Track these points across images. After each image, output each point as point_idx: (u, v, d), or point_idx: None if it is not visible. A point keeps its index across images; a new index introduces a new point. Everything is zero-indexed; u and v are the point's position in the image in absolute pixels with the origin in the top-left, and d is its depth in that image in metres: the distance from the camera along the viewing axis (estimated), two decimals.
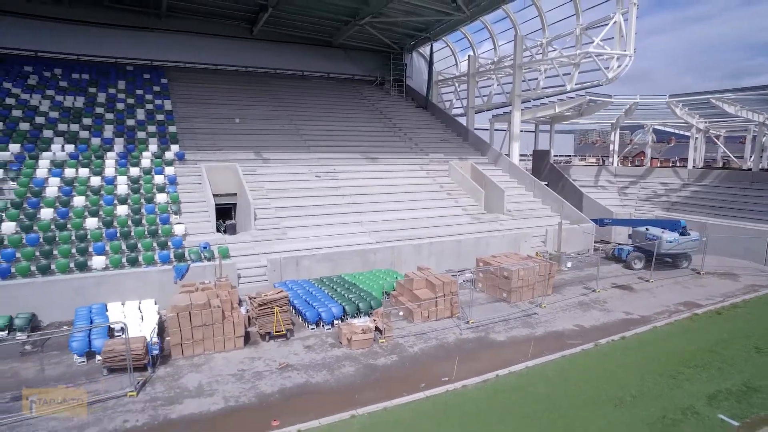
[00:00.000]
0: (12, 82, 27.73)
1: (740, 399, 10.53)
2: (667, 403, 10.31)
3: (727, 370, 12.02)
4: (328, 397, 11.16)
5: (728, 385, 11.12)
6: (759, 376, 11.61)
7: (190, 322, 13.01)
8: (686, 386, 11.13)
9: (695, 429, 9.35)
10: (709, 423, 9.57)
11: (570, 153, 66.71)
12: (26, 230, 17.61)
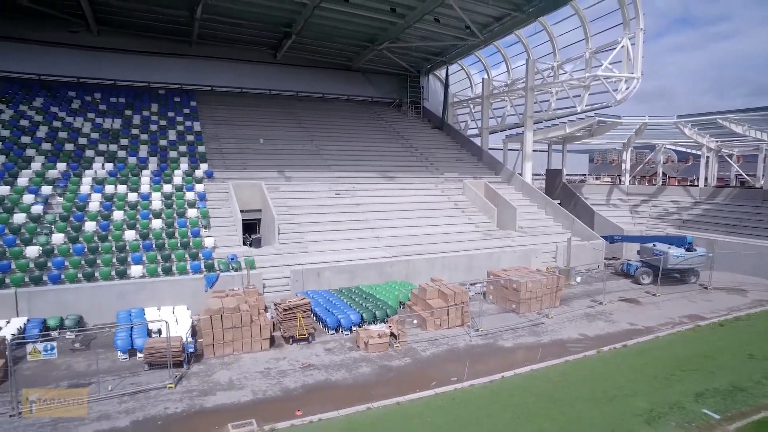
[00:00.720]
0: (58, 106, 30.00)
1: (725, 397, 11.37)
2: (657, 399, 11.20)
3: (718, 372, 12.84)
4: (346, 392, 12.26)
5: (716, 385, 11.96)
6: (746, 378, 12.40)
7: (221, 324, 14.31)
8: (677, 386, 11.99)
9: (679, 420, 10.28)
10: (693, 416, 10.46)
11: (585, 172, 67.30)
12: (73, 241, 19.27)
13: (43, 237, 19.09)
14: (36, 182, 22.40)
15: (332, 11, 30.82)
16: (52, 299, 16.39)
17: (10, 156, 23.96)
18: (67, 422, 10.55)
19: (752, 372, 12.83)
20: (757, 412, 10.61)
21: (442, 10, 30.57)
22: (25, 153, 24.70)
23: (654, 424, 10.15)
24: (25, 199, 21.03)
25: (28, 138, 26.12)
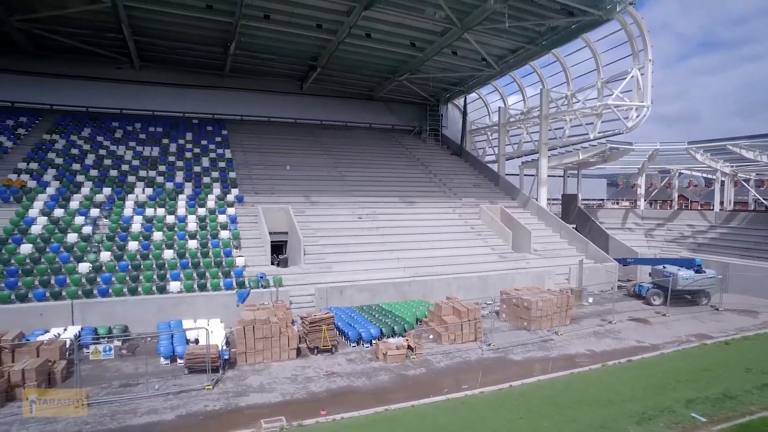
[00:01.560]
0: (103, 135, 32.57)
1: (715, 404, 12.22)
2: (650, 404, 12.13)
3: (712, 383, 13.66)
4: (366, 396, 13.48)
5: (708, 394, 12.80)
6: (738, 388, 13.19)
7: (253, 334, 15.75)
8: (671, 394, 12.87)
9: (667, 422, 11.21)
10: (681, 418, 11.37)
11: (603, 196, 67.73)
12: (118, 259, 21.14)
13: (92, 255, 21.02)
14: (86, 205, 24.57)
15: (355, 46, 33.00)
16: (101, 310, 18.13)
17: (63, 182, 26.30)
18: (122, 414, 12.04)
19: (745, 383, 13.61)
20: (743, 417, 11.47)
21: (460, 43, 32.41)
22: (76, 179, 27.01)
23: (644, 425, 11.12)
24: (77, 221, 23.14)
25: (78, 165, 28.53)
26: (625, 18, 28.76)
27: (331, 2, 27.11)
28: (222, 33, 31.12)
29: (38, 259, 20.22)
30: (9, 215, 22.66)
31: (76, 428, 11.40)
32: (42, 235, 21.65)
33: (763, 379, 13.91)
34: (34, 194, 24.73)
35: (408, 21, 29.55)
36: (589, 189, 59.51)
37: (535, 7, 27.54)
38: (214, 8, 27.89)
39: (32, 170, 26.96)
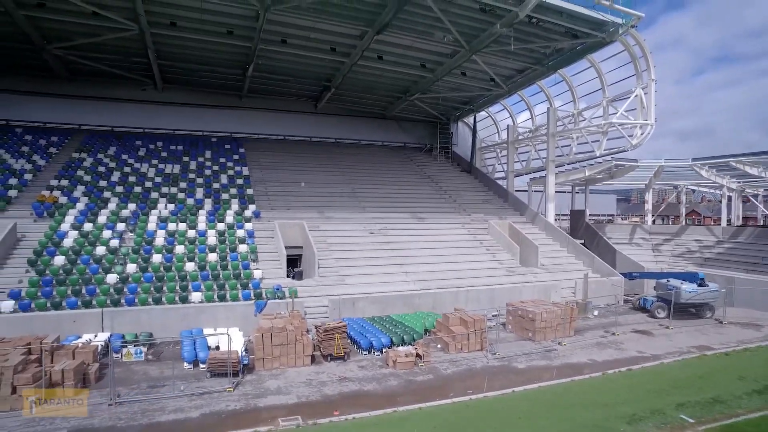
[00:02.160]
0: (128, 154, 34.22)
1: (704, 407, 12.92)
2: (642, 407, 12.87)
3: (704, 389, 14.34)
4: (376, 399, 14.37)
5: (699, 398, 13.50)
6: (729, 394, 13.85)
7: (271, 341, 16.78)
8: (664, 398, 13.58)
9: (656, 422, 11.94)
10: (670, 419, 12.10)
11: (613, 212, 68.05)
12: (143, 270, 22.40)
13: (119, 266, 22.34)
14: (112, 220, 26.01)
15: (368, 67, 34.48)
16: (128, 318, 19.34)
17: (91, 197, 27.84)
18: (152, 412, 13.10)
19: (736, 389, 14.25)
20: (729, 418, 12.17)
21: (468, 64, 33.69)
22: (103, 195, 28.56)
23: (634, 425, 11.87)
24: (105, 234, 24.55)
25: (105, 182, 30.10)
26: (628, 39, 29.73)
27: (344, 27, 28.60)
28: (241, 56, 32.78)
29: (70, 270, 21.58)
30: (43, 229, 24.17)
31: (112, 423, 12.47)
32: (73, 248, 23.06)
33: (754, 386, 14.55)
34: (66, 209, 26.26)
35: (418, 44, 30.97)
36: (598, 204, 60.11)
37: (541, 30, 28.72)
38: (235, 34, 29.54)
39: (63, 187, 28.58)
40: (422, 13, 26.82)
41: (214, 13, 26.94)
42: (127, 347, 15.56)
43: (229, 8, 26.25)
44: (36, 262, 21.63)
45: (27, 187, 28.12)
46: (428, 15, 26.93)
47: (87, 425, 12.33)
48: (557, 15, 27.14)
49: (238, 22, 28.08)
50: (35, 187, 28.33)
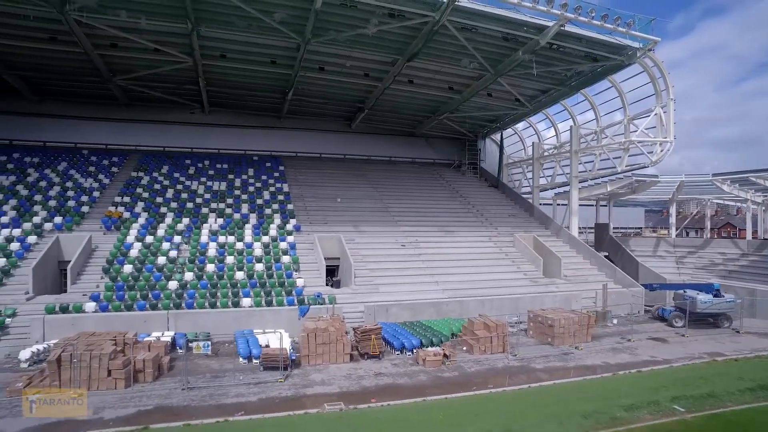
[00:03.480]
0: (179, 172, 37.51)
1: (697, 400, 14.50)
2: (641, 399, 14.56)
3: (701, 386, 15.85)
4: (408, 390, 16.43)
5: (694, 393, 15.06)
6: (723, 390, 15.34)
7: (315, 340, 19.08)
8: (663, 392, 15.20)
9: (651, 411, 13.63)
10: (664, 408, 13.77)
11: (641, 225, 68.11)
12: (199, 278, 25.17)
13: (178, 275, 25.18)
14: (170, 233, 29.01)
15: (399, 90, 36.99)
16: (189, 319, 22.02)
17: (150, 212, 31.02)
18: (217, 396, 15.53)
19: (732, 387, 15.71)
20: (717, 409, 13.73)
21: (494, 86, 35.77)
22: (160, 210, 31.70)
23: (630, 412, 13.60)
24: (164, 246, 27.50)
25: (161, 198, 33.31)
26: (647, 61, 31.24)
27: (377, 56, 31.18)
28: (281, 82, 35.76)
29: (137, 277, 24.51)
30: (112, 241, 27.33)
31: (186, 403, 14.95)
32: (138, 258, 26.05)
33: (749, 384, 15.97)
34: (129, 223, 29.44)
35: (446, 68, 33.28)
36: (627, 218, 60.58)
37: (562, 54, 30.63)
38: (277, 63, 32.53)
39: (126, 203, 31.88)
40: (449, 42, 29.13)
41: (260, 46, 29.93)
42: (197, 342, 18.21)
43: (273, 41, 29.16)
44: (109, 270, 24.67)
45: (96, 204, 31.53)
46: (455, 43, 29.22)
47: (168, 404, 14.83)
48: (576, 41, 29.04)
49: (280, 53, 30.98)
50: (102, 203, 31.72)
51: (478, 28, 27.50)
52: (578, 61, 31.51)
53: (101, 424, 13.37)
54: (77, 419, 13.39)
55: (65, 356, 15.70)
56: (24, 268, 23.91)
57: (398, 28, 27.39)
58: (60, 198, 31.19)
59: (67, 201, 30.94)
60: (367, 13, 25.98)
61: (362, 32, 27.39)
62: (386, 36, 28.61)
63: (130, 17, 25.45)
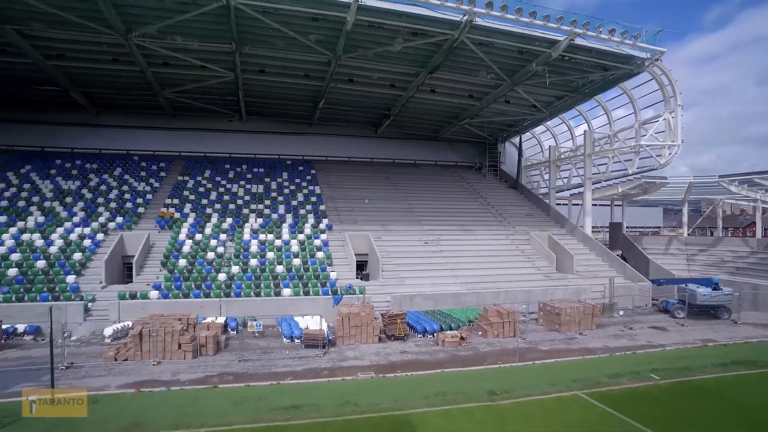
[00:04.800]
0: (220, 176, 41.09)
1: (673, 371, 16.94)
2: (625, 370, 17.07)
3: (681, 362, 18.24)
4: (428, 364, 19.21)
5: (672, 367, 17.47)
6: (699, 365, 17.71)
7: (349, 322, 22.06)
8: (645, 366, 17.65)
9: (630, 378, 16.14)
10: (641, 376, 16.32)
11: (659, 224, 69.06)
12: (244, 271, 28.47)
13: (226, 268, 28.52)
14: (216, 231, 32.45)
15: (422, 99, 39.72)
16: (238, 306, 25.29)
17: (197, 213, 34.57)
18: (269, 366, 18.63)
19: (708, 363, 18.05)
20: (687, 378, 16.17)
21: (511, 93, 38.15)
22: (206, 211, 35.22)
23: (612, 378, 16.19)
24: (211, 243, 30.92)
25: (206, 200, 36.88)
26: (655, 70, 33.22)
27: (402, 68, 33.95)
28: (313, 92, 38.92)
29: (191, 270, 27.95)
30: (167, 238, 30.90)
31: (244, 371, 18.08)
32: (190, 253, 29.52)
33: (724, 361, 18.31)
34: (180, 223, 32.99)
35: (466, 78, 35.80)
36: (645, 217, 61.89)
37: (574, 65, 32.87)
38: (310, 76, 35.63)
39: (175, 204, 35.52)
40: (468, 55, 31.63)
41: (295, 61, 33.02)
42: (251, 321, 21.54)
43: (307, 57, 32.16)
44: (166, 264, 28.19)
45: (149, 205, 35.26)
46: (473, 57, 31.71)
47: (228, 371, 18.00)
48: (587, 52, 31.26)
49: (313, 67, 34.03)
50: (155, 204, 35.43)
51: (494, 43, 29.95)
52: (589, 70, 33.68)
53: (179, 383, 16.60)
54: (161, 379, 16.68)
55: (145, 331, 19.05)
56: (96, 261, 27.62)
57: (421, 45, 30.07)
58: (119, 200, 35.05)
59: (125, 203, 34.76)
60: (393, 32, 28.73)
61: (388, 49, 30.23)
62: (410, 51, 31.33)
63: (184, 41, 28.88)
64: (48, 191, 34.68)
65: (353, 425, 12.71)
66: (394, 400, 14.63)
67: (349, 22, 26.46)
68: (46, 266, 26.43)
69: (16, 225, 29.87)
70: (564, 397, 14.78)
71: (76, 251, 28.02)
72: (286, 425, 12.66)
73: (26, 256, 26.92)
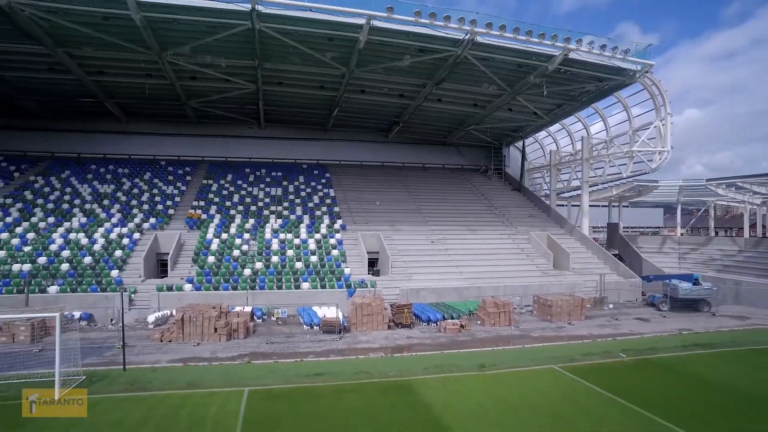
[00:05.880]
0: (241, 179, 44.27)
1: (640, 351, 19.58)
2: (598, 350, 19.74)
3: (650, 344, 20.84)
4: (431, 347, 21.99)
5: (640, 348, 20.10)
6: (665, 347, 20.29)
7: (362, 311, 24.93)
8: (617, 347, 20.29)
9: (601, 355, 18.87)
10: (611, 354, 18.99)
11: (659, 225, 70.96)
12: (267, 267, 31.50)
13: (250, 264, 31.56)
14: (240, 231, 35.55)
15: (430, 107, 42.49)
16: (262, 298, 28.29)
17: (222, 214, 37.72)
18: (293, 347, 21.58)
19: (674, 346, 20.61)
20: (650, 356, 18.79)
21: (513, 102, 40.76)
22: (230, 213, 38.35)
23: (585, 355, 18.88)
24: (236, 242, 34.00)
25: (229, 202, 40.03)
26: (647, 81, 35.65)
27: (410, 80, 36.76)
28: (328, 102, 41.93)
29: (219, 266, 31.04)
30: (196, 237, 34.06)
31: (272, 350, 21.03)
32: (218, 251, 32.62)
33: (687, 343, 20.86)
34: (207, 223, 36.15)
35: (470, 89, 38.51)
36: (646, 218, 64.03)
37: (570, 76, 35.41)
38: (325, 87, 38.62)
39: (202, 206, 38.71)
40: (471, 68, 34.31)
41: (311, 74, 35.98)
42: (277, 309, 24.62)
43: (322, 71, 35.07)
44: (197, 260, 31.32)
45: (178, 207, 38.50)
46: (476, 70, 34.36)
47: (258, 351, 20.97)
48: (581, 65, 33.77)
49: (328, 79, 36.97)
50: (183, 206, 38.67)
51: (495, 58, 32.62)
52: (585, 81, 36.19)
53: (218, 359, 19.58)
54: (203, 356, 19.71)
55: (186, 317, 22.12)
56: (135, 257, 30.84)
57: (427, 60, 32.83)
58: (150, 202, 38.33)
59: (156, 205, 38.02)
60: (402, 48, 31.49)
61: (397, 64, 33.06)
62: (417, 65, 34.06)
63: (213, 59, 31.99)
64: (87, 194, 38.07)
65: (365, 387, 15.58)
66: (399, 371, 17.49)
67: (362, 41, 29.33)
68: (93, 262, 29.68)
69: (63, 225, 33.22)
70: (540, 369, 17.52)
71: (117, 249, 31.25)
72: (312, 386, 15.61)
73: (74, 253, 30.18)
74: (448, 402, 14.16)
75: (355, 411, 13.54)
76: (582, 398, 14.62)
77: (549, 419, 13.10)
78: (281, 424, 12.67)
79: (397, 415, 13.19)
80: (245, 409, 13.54)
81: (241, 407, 13.64)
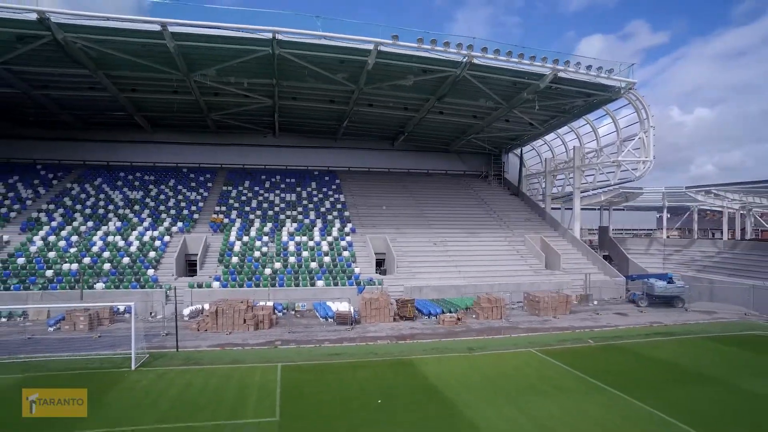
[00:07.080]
0: (258, 186, 47.86)
1: (606, 338, 22.93)
2: (571, 338, 23.08)
3: (617, 333, 24.14)
4: (430, 336, 25.35)
5: (608, 335, 23.42)
6: (630, 336, 23.62)
7: (371, 306, 28.37)
8: (588, 335, 23.61)
9: (572, 341, 22.19)
10: (581, 341, 22.33)
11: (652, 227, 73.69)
12: (285, 267, 35.02)
13: (270, 264, 35.09)
14: (259, 234, 39.11)
15: (433, 118, 45.88)
16: (281, 294, 31.78)
17: (242, 218, 41.31)
18: (311, 335, 25.06)
19: (638, 335, 23.92)
20: (614, 342, 22.13)
21: (510, 114, 44.08)
22: (249, 217, 41.94)
23: (558, 342, 22.23)
24: (257, 244, 37.56)
25: (248, 208, 43.62)
26: (631, 96, 38.86)
27: (414, 95, 40.16)
28: (338, 114, 45.41)
29: (242, 266, 34.60)
30: (220, 240, 37.67)
31: (293, 338, 24.50)
32: (240, 252, 36.19)
33: (649, 332, 24.16)
34: (229, 227, 39.74)
35: (469, 103, 41.87)
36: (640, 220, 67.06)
37: (560, 92, 38.69)
38: (335, 101, 42.11)
39: (223, 211, 42.32)
40: (470, 86, 37.60)
41: (323, 90, 39.45)
42: (297, 303, 28.25)
43: (333, 87, 38.52)
44: (222, 260, 34.92)
45: (201, 212, 42.15)
46: (474, 87, 37.69)
47: (282, 338, 24.46)
48: (570, 83, 37.04)
49: (338, 95, 40.47)
50: (206, 211, 42.30)
51: (491, 77, 36.00)
52: (574, 96, 39.46)
53: (249, 345, 23.06)
54: (235, 342, 23.24)
55: (219, 310, 25.66)
56: (167, 258, 34.46)
57: (429, 79, 36.25)
58: (176, 207, 41.99)
59: (182, 210, 41.68)
60: (406, 69, 34.95)
61: (402, 82, 36.50)
62: (421, 83, 37.49)
63: (236, 80, 35.58)
64: (119, 200, 41.79)
65: (374, 364, 19.08)
66: (402, 353, 21.03)
67: (370, 63, 32.78)
68: (130, 262, 33.33)
69: (101, 229, 36.93)
70: (520, 352, 20.97)
71: (150, 250, 34.89)
72: (331, 363, 19.15)
73: (114, 254, 33.86)
74: (440, 373, 17.66)
75: (366, 379, 17.10)
76: (549, 372, 18.03)
77: (519, 386, 16.54)
78: (310, 388, 16.18)
79: (399, 381, 16.74)
80: (281, 378, 17.08)
81: (278, 376, 17.19)
